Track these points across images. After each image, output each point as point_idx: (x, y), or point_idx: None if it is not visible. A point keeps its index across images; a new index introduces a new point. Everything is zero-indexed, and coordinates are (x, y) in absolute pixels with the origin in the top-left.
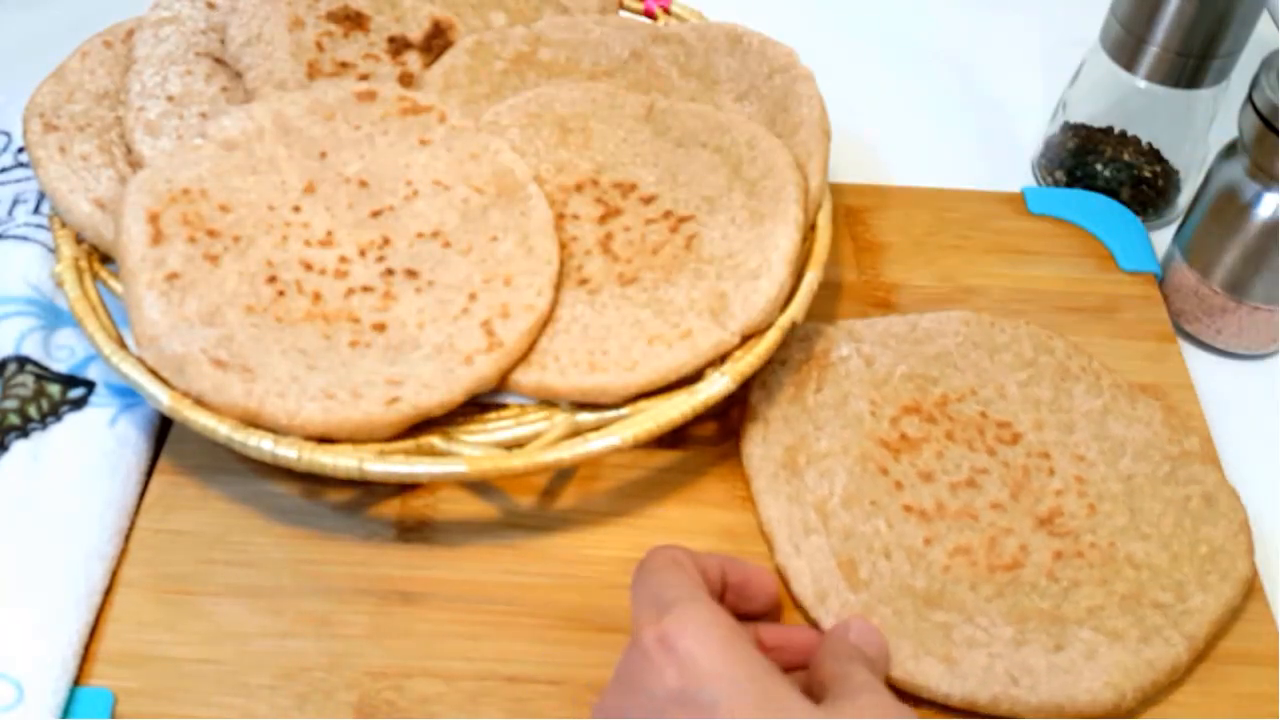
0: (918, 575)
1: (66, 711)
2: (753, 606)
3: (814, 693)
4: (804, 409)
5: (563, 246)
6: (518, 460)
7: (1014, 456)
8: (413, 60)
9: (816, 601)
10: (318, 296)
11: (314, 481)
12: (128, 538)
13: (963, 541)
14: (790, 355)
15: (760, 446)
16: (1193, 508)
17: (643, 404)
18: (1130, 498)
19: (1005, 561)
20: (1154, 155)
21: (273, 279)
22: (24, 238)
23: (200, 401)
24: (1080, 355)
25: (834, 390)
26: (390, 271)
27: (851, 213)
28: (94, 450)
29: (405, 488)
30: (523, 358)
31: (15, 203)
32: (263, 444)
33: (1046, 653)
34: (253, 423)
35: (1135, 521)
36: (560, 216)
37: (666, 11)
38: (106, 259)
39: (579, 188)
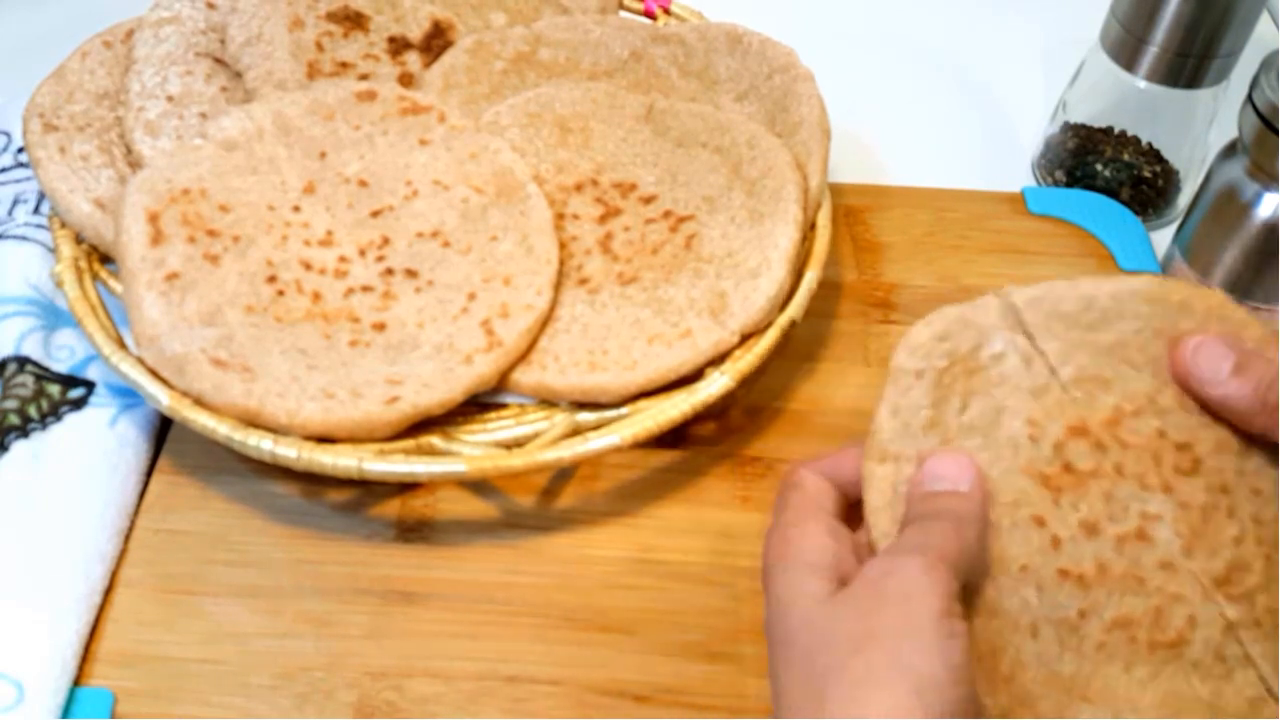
0: (1065, 659)
1: (66, 711)
2: None
3: None
4: (945, 437)
5: (562, 246)
6: (517, 459)
7: (1192, 493)
8: (413, 60)
9: None
10: (317, 296)
11: (314, 481)
12: (128, 538)
13: (1124, 612)
14: (930, 364)
15: (890, 497)
16: None
17: (642, 403)
18: None
19: (1170, 637)
20: (1154, 155)
21: (273, 279)
22: (24, 238)
23: (200, 401)
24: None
25: (983, 404)
26: (390, 271)
27: (851, 212)
28: (94, 450)
29: (405, 488)
30: (522, 357)
31: (15, 203)
32: (262, 444)
33: None
34: (253, 422)
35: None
36: (560, 216)
37: (666, 11)
38: (106, 259)
39: (579, 187)
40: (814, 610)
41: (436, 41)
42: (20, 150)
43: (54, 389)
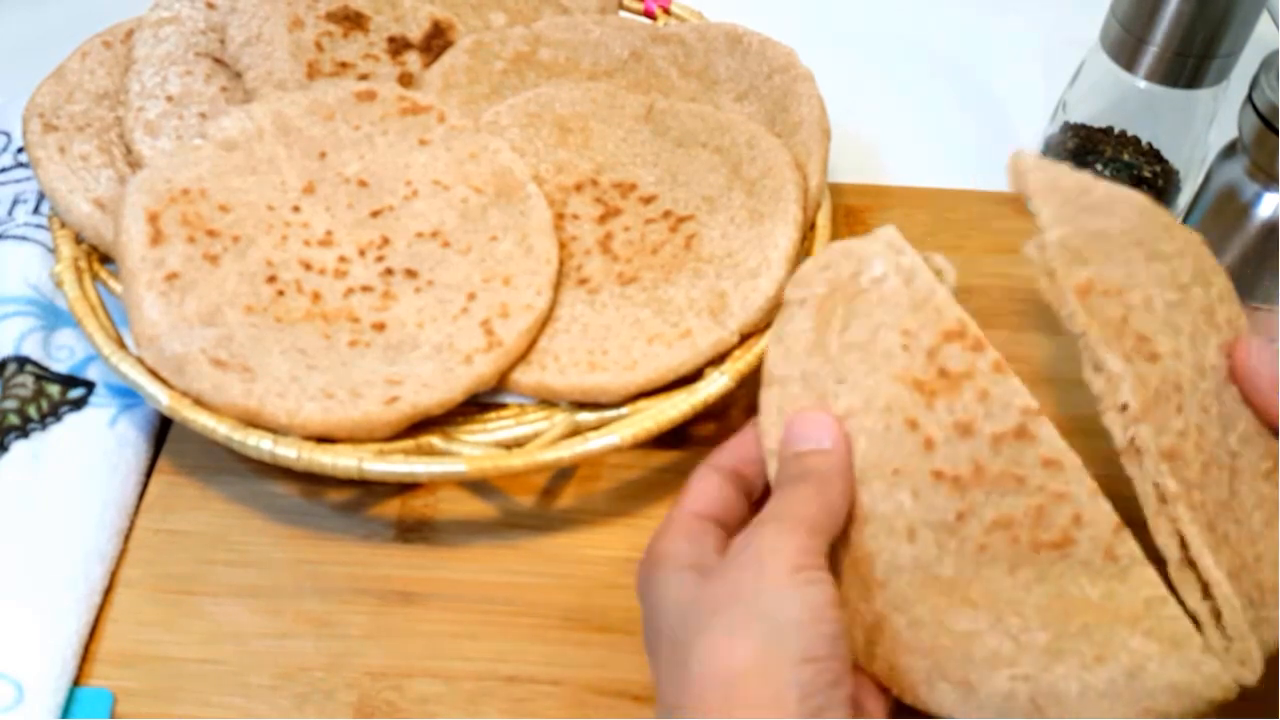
0: (945, 562)
1: (66, 711)
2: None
3: None
4: (825, 356)
5: (562, 246)
6: (517, 459)
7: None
8: (412, 60)
9: None
10: (317, 296)
11: (314, 481)
12: (127, 538)
13: (1003, 513)
14: (811, 291)
15: (776, 423)
16: None
17: (642, 403)
18: (1233, 478)
19: (1053, 537)
20: (1154, 155)
21: (272, 279)
22: (24, 238)
23: (200, 401)
24: (1231, 304)
25: (863, 324)
26: (390, 271)
27: (851, 212)
28: (94, 450)
29: (405, 488)
30: (522, 357)
31: (15, 203)
32: (262, 444)
33: (1083, 669)
34: (252, 422)
35: (1231, 504)
36: (560, 216)
37: (666, 11)
38: (106, 259)
39: (578, 188)
40: (682, 596)
41: (436, 41)
42: (20, 150)
43: (54, 389)
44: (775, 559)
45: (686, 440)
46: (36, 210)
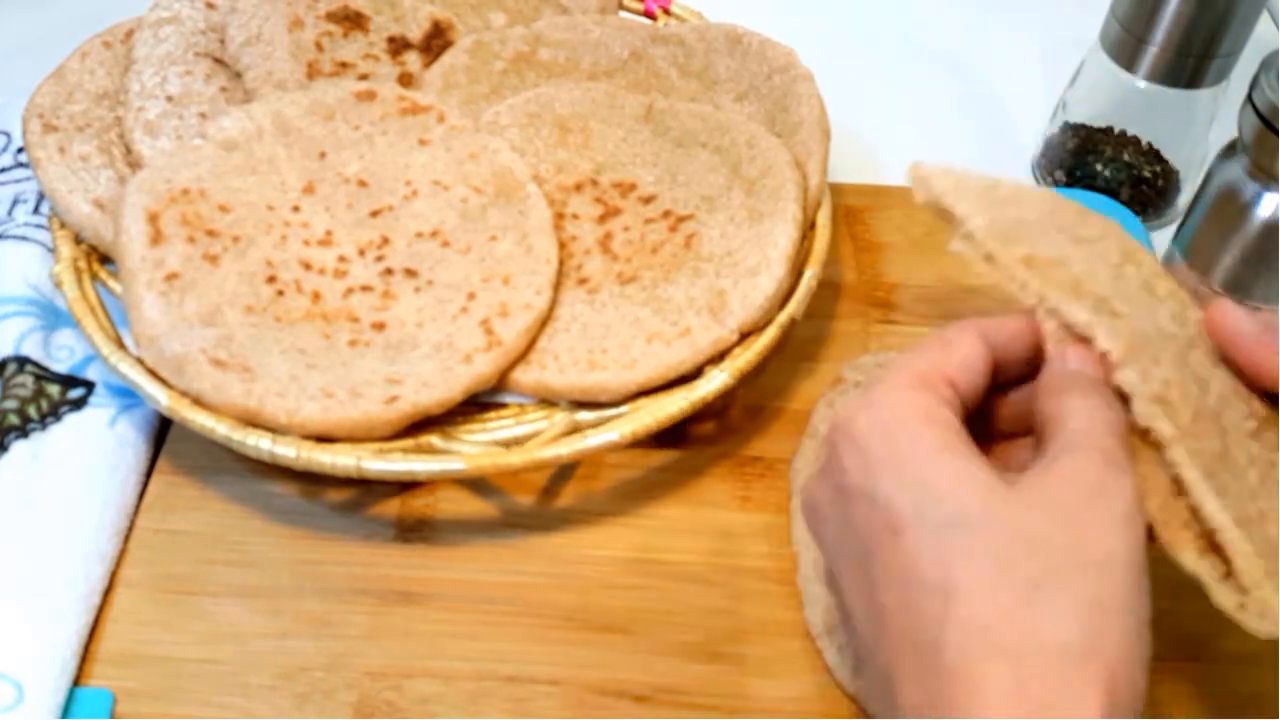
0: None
1: (66, 711)
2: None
3: (1037, 437)
4: None
5: (562, 246)
6: (516, 457)
7: None
8: (412, 60)
9: (824, 631)
10: (317, 296)
11: (313, 481)
12: (127, 538)
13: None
14: (865, 379)
15: (811, 466)
16: None
17: (642, 402)
18: None
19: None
20: (1154, 155)
21: (272, 279)
22: (24, 238)
23: (199, 401)
24: (1167, 279)
25: None
26: (389, 271)
27: (851, 212)
28: (94, 450)
29: (405, 487)
30: (522, 356)
31: (15, 203)
32: (261, 443)
33: None
34: (252, 422)
35: (1225, 458)
36: (559, 216)
37: (666, 12)
38: (106, 259)
39: (578, 187)
40: (996, 499)
41: (436, 41)
42: (20, 150)
43: (54, 389)
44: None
45: (686, 439)
46: (36, 210)
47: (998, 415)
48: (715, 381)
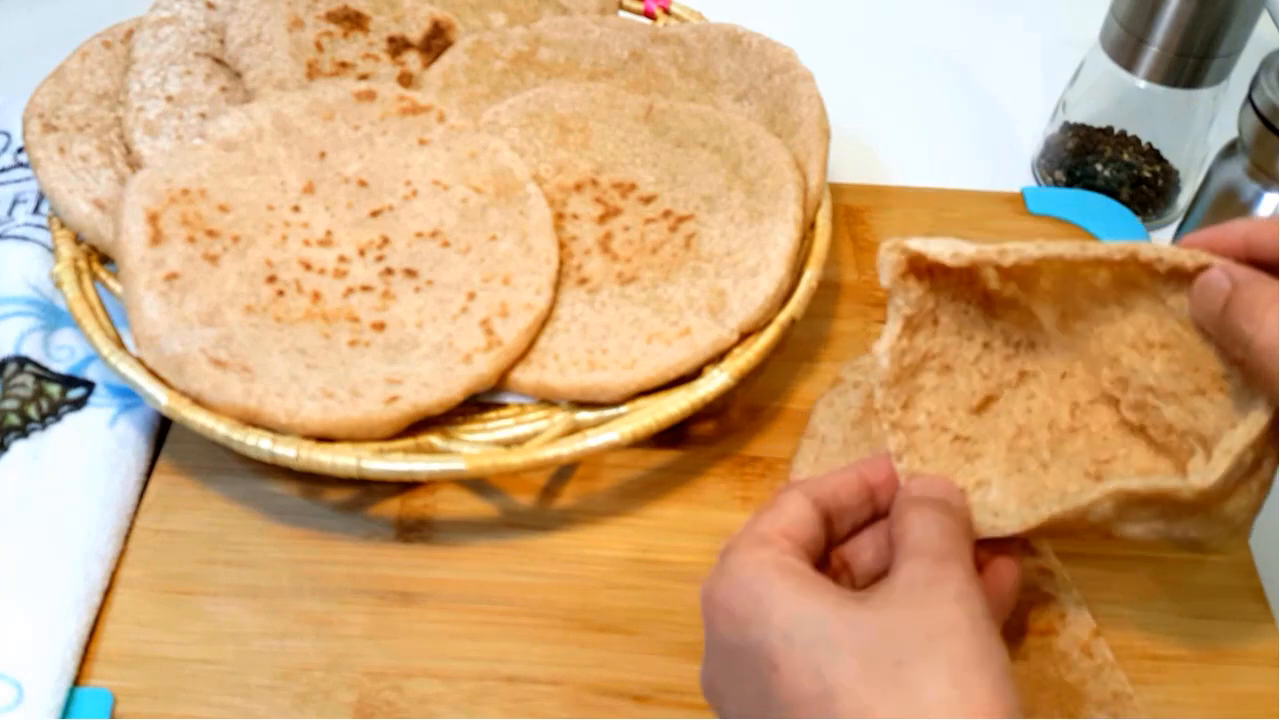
0: None
1: (66, 711)
2: (862, 514)
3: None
4: (866, 436)
5: (562, 246)
6: (516, 457)
7: None
8: (412, 60)
9: None
10: (317, 296)
11: (313, 481)
12: (127, 538)
13: None
14: (864, 379)
15: (810, 467)
16: None
17: (642, 402)
18: None
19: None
20: (1154, 155)
21: (272, 279)
22: (24, 238)
23: (199, 401)
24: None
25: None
26: (389, 271)
27: (851, 212)
28: (94, 450)
29: (405, 487)
30: (522, 356)
31: (15, 203)
32: (261, 443)
33: None
34: (252, 422)
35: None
36: (560, 216)
37: (666, 12)
38: (106, 259)
39: (578, 187)
40: (847, 611)
41: (436, 41)
42: (20, 150)
43: (54, 389)
44: (972, 592)
45: (686, 439)
46: (36, 210)
47: (859, 559)
48: (715, 382)
